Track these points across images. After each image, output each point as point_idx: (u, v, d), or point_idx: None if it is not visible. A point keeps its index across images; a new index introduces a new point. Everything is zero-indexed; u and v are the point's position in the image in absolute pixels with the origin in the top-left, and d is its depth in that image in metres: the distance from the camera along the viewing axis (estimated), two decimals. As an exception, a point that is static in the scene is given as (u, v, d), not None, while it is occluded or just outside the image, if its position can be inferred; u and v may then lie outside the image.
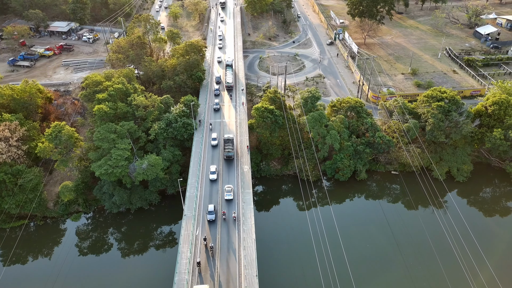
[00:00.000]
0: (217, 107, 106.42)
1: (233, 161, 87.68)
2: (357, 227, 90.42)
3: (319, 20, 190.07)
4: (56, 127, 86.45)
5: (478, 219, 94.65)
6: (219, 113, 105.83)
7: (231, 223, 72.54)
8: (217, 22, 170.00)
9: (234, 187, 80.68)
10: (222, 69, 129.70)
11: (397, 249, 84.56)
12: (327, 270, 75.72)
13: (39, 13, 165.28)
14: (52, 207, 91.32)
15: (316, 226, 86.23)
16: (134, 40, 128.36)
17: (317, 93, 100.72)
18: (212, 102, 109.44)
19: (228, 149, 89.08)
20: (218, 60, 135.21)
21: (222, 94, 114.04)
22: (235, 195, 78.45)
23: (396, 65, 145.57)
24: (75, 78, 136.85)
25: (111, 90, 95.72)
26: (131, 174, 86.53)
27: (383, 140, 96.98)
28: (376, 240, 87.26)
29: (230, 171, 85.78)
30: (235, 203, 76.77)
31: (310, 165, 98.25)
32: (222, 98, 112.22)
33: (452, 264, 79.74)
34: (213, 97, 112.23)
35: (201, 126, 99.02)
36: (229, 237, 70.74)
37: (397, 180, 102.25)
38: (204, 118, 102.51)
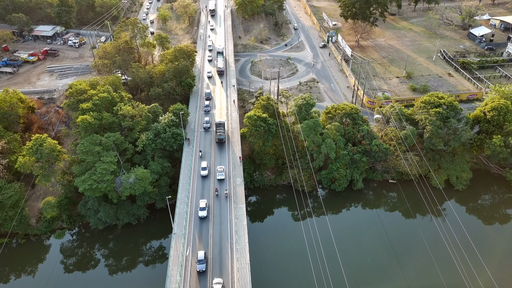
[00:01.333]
0: (207, 125, 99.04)
1: (224, 181, 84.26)
2: (353, 237, 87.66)
3: (311, 22, 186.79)
4: (37, 140, 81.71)
5: (478, 227, 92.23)
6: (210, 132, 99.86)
7: (224, 244, 68.40)
8: (207, 30, 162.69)
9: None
10: (213, 67, 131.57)
11: (395, 259, 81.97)
12: (323, 281, 72.80)
13: (23, 16, 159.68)
14: (35, 224, 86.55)
15: (312, 237, 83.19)
16: (121, 45, 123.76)
17: (311, 100, 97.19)
18: (202, 110, 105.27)
19: (219, 133, 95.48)
20: (209, 48, 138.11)
21: (212, 108, 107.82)
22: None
23: (391, 68, 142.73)
24: (60, 84, 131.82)
25: (95, 99, 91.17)
26: (117, 188, 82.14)
27: (380, 148, 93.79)
28: (374, 250, 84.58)
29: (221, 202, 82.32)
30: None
31: (305, 175, 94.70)
32: (212, 116, 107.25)
33: (451, 273, 77.29)
34: (203, 108, 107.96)
35: (190, 145, 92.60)
36: (221, 257, 66.79)
37: (395, 188, 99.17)
38: (195, 127, 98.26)
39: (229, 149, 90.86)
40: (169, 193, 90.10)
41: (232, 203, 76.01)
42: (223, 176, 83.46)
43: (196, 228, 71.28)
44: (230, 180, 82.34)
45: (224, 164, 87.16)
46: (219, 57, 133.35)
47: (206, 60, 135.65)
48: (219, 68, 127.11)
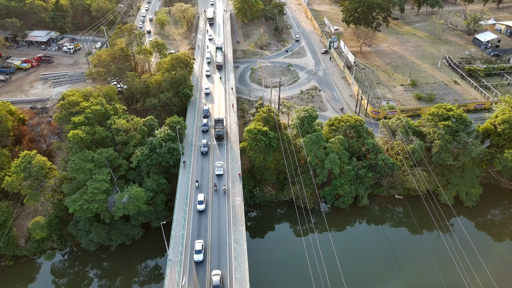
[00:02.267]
0: (205, 149, 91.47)
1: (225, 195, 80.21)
2: (358, 256, 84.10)
3: (312, 26, 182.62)
4: (26, 157, 77.37)
5: (487, 243, 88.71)
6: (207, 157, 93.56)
7: (222, 271, 63.92)
8: (205, 40, 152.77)
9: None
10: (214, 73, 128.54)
11: (401, 278, 78.59)
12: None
13: (16, 22, 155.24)
14: (24, 244, 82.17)
15: (314, 255, 79.66)
16: (116, 52, 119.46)
17: (314, 112, 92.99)
18: (200, 122, 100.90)
19: (218, 129, 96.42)
20: (208, 60, 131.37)
21: (210, 128, 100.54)
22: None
23: (395, 76, 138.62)
24: (54, 93, 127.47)
25: (88, 112, 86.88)
26: (110, 208, 77.83)
27: (386, 163, 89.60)
28: (379, 268, 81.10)
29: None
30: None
31: (308, 191, 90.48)
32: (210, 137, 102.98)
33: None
34: (201, 117, 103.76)
35: (186, 167, 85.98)
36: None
37: (402, 205, 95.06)
38: (192, 141, 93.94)
39: (228, 165, 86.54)
40: (165, 211, 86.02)
41: (231, 225, 71.66)
42: (222, 171, 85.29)
43: (193, 255, 66.83)
44: (229, 199, 78.05)
45: (223, 182, 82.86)
46: (218, 52, 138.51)
47: (204, 75, 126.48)
48: (218, 62, 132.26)
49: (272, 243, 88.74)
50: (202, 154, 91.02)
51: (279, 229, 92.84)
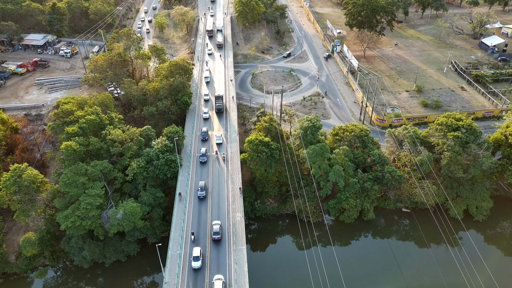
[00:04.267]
0: (204, 159, 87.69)
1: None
2: (362, 270, 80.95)
3: (314, 30, 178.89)
4: (16, 170, 73.72)
5: (498, 258, 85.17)
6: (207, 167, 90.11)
7: None
8: (205, 54, 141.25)
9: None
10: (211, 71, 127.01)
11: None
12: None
13: (12, 25, 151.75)
14: (14, 261, 78.53)
15: (317, 269, 76.19)
16: (113, 57, 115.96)
17: (317, 122, 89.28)
18: (200, 131, 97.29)
19: (218, 103, 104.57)
20: (206, 80, 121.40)
21: (210, 141, 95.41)
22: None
23: (400, 81, 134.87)
24: (49, 99, 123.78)
25: (82, 122, 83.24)
26: (104, 224, 74.20)
27: (393, 175, 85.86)
28: (384, 283, 78.23)
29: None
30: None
31: (311, 205, 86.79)
32: (211, 125, 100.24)
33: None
34: (201, 122, 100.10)
35: (182, 200, 77.92)
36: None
37: (409, 218, 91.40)
38: (191, 151, 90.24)
39: (228, 178, 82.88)
40: (162, 226, 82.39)
41: (231, 243, 67.93)
42: (221, 140, 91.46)
43: (191, 277, 63.13)
44: (229, 215, 74.34)
45: (222, 195, 79.14)
46: (218, 34, 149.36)
47: (204, 83, 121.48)
48: (219, 42, 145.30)
49: (273, 257, 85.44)
50: (201, 163, 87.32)
51: (281, 243, 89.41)
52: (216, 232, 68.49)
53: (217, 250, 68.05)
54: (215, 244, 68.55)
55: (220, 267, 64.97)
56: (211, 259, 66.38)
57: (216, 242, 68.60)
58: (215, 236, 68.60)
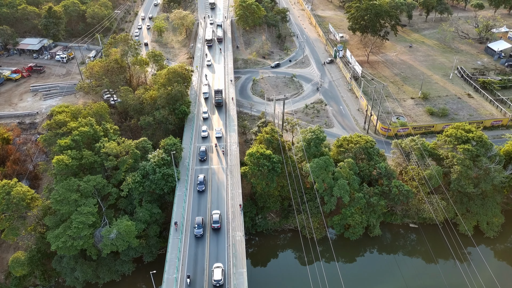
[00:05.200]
0: (202, 187, 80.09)
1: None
2: (367, 287, 77.75)
3: (316, 34, 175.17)
4: (4, 187, 69.99)
5: (509, 274, 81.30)
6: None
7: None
8: (203, 67, 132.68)
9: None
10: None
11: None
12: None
13: (7, 29, 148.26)
14: (3, 281, 74.87)
15: (320, 286, 72.24)
16: (109, 64, 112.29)
17: (321, 134, 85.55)
18: (198, 143, 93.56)
19: (218, 97, 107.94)
20: (205, 96, 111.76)
21: (209, 160, 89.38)
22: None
23: (404, 88, 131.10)
24: (44, 106, 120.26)
25: (75, 134, 79.55)
26: (97, 243, 70.47)
27: (400, 190, 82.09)
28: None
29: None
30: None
31: (315, 221, 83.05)
32: (210, 139, 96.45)
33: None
34: (200, 138, 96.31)
35: (177, 231, 71.33)
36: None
37: (417, 233, 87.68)
38: (189, 165, 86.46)
39: (228, 195, 79.08)
40: (158, 243, 78.61)
41: (231, 266, 64.14)
42: (221, 134, 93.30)
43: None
44: (229, 234, 70.58)
45: (222, 211, 75.34)
46: (218, 29, 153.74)
47: (202, 92, 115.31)
48: (219, 36, 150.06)
49: (275, 272, 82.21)
50: (198, 192, 79.83)
51: (283, 258, 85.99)
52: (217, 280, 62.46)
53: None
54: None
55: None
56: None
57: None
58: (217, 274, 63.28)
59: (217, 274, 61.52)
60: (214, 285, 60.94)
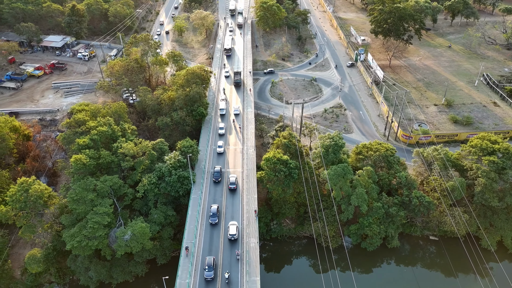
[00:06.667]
0: (215, 220, 73.78)
1: None
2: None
3: (337, 36, 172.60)
4: (23, 185, 70.74)
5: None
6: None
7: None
8: (221, 79, 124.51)
9: None
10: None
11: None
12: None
13: (32, 26, 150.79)
14: (20, 277, 75.72)
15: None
16: (129, 64, 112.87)
17: (340, 140, 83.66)
18: (215, 145, 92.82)
19: (237, 78, 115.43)
20: (221, 112, 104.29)
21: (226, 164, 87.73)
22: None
23: (427, 94, 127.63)
24: (65, 104, 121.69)
25: (94, 133, 79.96)
26: (112, 244, 70.53)
27: (421, 201, 79.54)
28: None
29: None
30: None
31: (331, 229, 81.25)
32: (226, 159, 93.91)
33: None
34: (216, 138, 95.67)
35: (188, 256, 66.76)
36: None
37: (436, 246, 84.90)
38: (205, 166, 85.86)
39: (243, 199, 78.03)
40: (172, 246, 78.28)
41: (244, 273, 63.12)
42: (238, 112, 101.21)
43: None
44: (243, 240, 69.52)
45: (236, 219, 74.27)
46: (239, 16, 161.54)
47: (221, 92, 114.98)
48: (239, 23, 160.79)
49: (288, 278, 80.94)
50: (212, 225, 73.78)
51: (297, 265, 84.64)
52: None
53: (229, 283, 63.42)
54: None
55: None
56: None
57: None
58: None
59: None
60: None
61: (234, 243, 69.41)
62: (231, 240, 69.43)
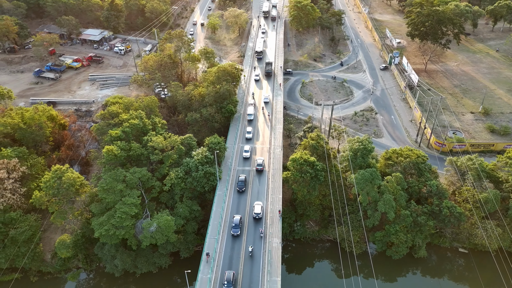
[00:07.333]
0: (237, 231, 71.44)
1: None
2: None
3: (372, 38, 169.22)
4: (56, 172, 73.52)
5: None
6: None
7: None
8: (251, 82, 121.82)
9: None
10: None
11: None
12: None
13: (72, 19, 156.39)
14: (49, 260, 78.84)
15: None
16: (163, 59, 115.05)
17: (369, 144, 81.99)
18: (243, 143, 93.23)
19: (268, 68, 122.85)
20: (250, 117, 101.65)
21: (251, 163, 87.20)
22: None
23: (464, 101, 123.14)
24: (100, 96, 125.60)
25: (126, 126, 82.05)
26: (138, 235, 72.25)
27: (452, 212, 76.81)
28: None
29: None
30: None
31: (355, 235, 79.87)
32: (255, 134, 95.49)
33: None
34: (244, 136, 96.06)
35: (208, 262, 65.55)
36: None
37: (466, 259, 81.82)
38: (231, 166, 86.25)
39: (268, 199, 78.02)
40: (195, 240, 79.35)
41: (265, 273, 63.09)
42: (268, 100, 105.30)
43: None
44: (266, 240, 69.44)
45: (262, 224, 74.11)
46: (271, 17, 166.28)
47: (251, 92, 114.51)
48: (272, 15, 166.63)
49: (309, 281, 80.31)
50: (233, 236, 71.60)
51: (319, 267, 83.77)
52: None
53: (249, 281, 63.54)
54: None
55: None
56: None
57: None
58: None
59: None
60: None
61: (258, 222, 73.43)
62: (256, 219, 73.56)
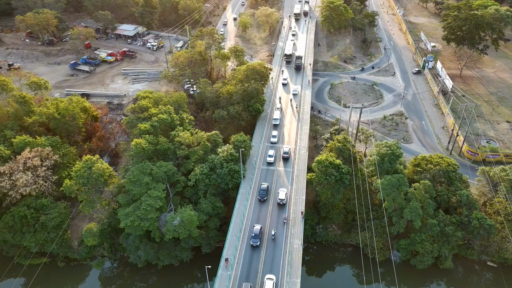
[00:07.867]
0: (256, 242, 69.39)
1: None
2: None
3: (405, 41, 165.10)
4: (87, 162, 75.93)
5: None
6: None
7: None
8: (278, 86, 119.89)
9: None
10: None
11: None
12: None
13: (108, 14, 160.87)
14: (76, 247, 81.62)
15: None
16: (193, 56, 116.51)
17: (397, 150, 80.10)
18: (268, 142, 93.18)
19: (298, 62, 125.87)
20: (275, 123, 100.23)
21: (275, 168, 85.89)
22: None
23: (500, 109, 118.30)
24: (131, 90, 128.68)
25: (154, 120, 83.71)
26: (161, 227, 73.64)
27: (481, 224, 74.01)
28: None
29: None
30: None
31: (379, 241, 78.32)
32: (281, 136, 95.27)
33: None
34: (270, 135, 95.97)
35: (227, 268, 64.74)
36: None
37: (494, 273, 78.69)
38: (255, 169, 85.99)
39: (290, 201, 77.50)
40: (217, 236, 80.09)
41: (285, 274, 62.87)
42: (297, 92, 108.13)
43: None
44: (286, 241, 69.21)
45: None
46: (302, 18, 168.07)
47: (279, 91, 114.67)
48: (305, 10, 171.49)
49: (329, 285, 79.78)
50: (252, 246, 69.91)
51: (340, 272, 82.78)
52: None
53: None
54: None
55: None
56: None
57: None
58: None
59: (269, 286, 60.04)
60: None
61: (282, 208, 76.31)
62: (280, 205, 76.47)
